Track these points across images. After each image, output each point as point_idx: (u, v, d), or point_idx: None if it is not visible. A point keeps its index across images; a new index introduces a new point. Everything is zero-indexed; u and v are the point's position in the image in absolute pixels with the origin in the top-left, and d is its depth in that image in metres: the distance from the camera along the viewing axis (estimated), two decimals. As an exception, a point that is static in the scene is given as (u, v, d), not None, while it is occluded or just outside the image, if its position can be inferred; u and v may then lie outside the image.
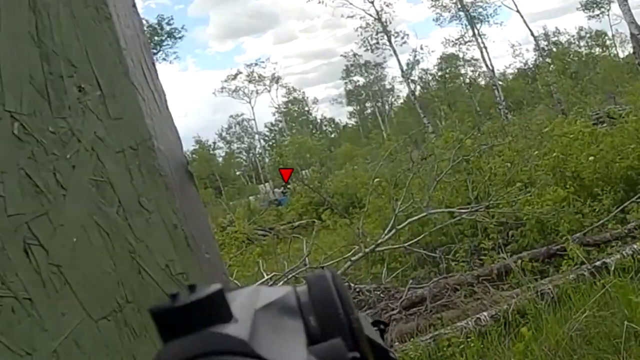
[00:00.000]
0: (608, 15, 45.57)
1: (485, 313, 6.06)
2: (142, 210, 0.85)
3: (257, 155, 62.37)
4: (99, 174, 0.82)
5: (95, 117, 0.82)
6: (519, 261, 7.06)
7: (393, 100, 59.71)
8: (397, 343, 6.08)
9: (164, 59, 33.85)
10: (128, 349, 0.81)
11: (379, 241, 7.74)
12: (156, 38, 32.74)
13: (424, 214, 7.64)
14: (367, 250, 7.72)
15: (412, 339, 5.89)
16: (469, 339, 5.63)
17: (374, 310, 6.82)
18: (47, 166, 0.78)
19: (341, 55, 55.67)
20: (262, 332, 0.35)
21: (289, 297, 0.43)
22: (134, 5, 1.01)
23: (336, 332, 0.40)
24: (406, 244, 7.87)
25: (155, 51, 32.46)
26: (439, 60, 48.02)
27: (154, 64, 0.97)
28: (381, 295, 7.24)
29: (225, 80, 57.73)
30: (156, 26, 32.75)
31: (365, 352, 0.41)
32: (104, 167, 0.82)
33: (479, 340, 5.66)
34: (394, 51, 39.95)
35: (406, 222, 7.76)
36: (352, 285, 7.32)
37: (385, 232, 7.85)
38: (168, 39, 33.36)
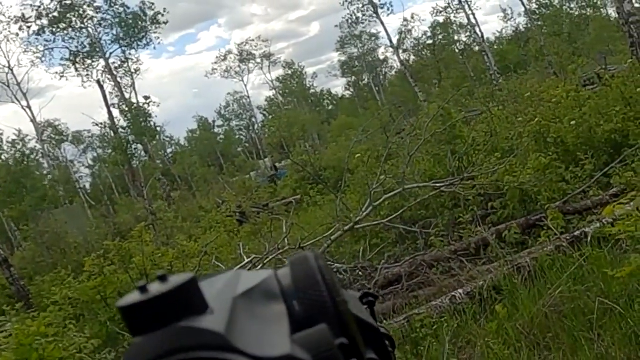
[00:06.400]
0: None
1: (460, 290, 5.94)
2: None
3: (257, 132, 63.61)
4: None
5: None
6: (497, 234, 6.89)
7: (387, 70, 60.10)
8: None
9: (146, 45, 34.25)
10: None
11: (357, 219, 7.55)
12: (140, 24, 33.16)
13: (399, 189, 7.44)
14: (345, 228, 7.54)
15: (386, 321, 5.77)
16: (442, 319, 5.49)
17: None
18: None
19: (335, 26, 54.98)
20: (240, 322, 0.35)
21: (270, 282, 0.43)
22: None
23: (321, 317, 0.40)
24: (386, 220, 7.67)
25: (140, 37, 33.31)
26: (430, 29, 47.61)
27: None
28: (359, 274, 7.10)
29: (216, 62, 59.77)
30: (140, 13, 33.08)
31: (354, 336, 0.41)
32: None
33: (453, 320, 5.51)
34: (382, 23, 39.20)
35: (382, 199, 7.56)
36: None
37: (363, 209, 7.67)
38: (152, 25, 33.63)
